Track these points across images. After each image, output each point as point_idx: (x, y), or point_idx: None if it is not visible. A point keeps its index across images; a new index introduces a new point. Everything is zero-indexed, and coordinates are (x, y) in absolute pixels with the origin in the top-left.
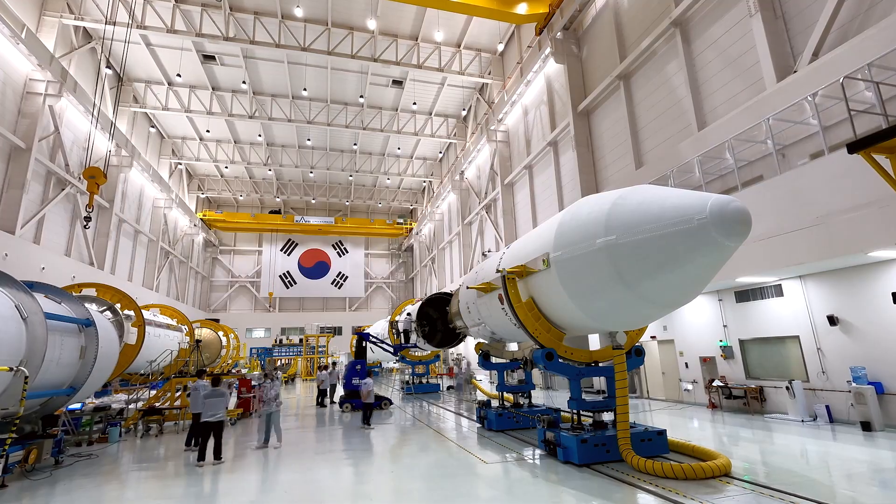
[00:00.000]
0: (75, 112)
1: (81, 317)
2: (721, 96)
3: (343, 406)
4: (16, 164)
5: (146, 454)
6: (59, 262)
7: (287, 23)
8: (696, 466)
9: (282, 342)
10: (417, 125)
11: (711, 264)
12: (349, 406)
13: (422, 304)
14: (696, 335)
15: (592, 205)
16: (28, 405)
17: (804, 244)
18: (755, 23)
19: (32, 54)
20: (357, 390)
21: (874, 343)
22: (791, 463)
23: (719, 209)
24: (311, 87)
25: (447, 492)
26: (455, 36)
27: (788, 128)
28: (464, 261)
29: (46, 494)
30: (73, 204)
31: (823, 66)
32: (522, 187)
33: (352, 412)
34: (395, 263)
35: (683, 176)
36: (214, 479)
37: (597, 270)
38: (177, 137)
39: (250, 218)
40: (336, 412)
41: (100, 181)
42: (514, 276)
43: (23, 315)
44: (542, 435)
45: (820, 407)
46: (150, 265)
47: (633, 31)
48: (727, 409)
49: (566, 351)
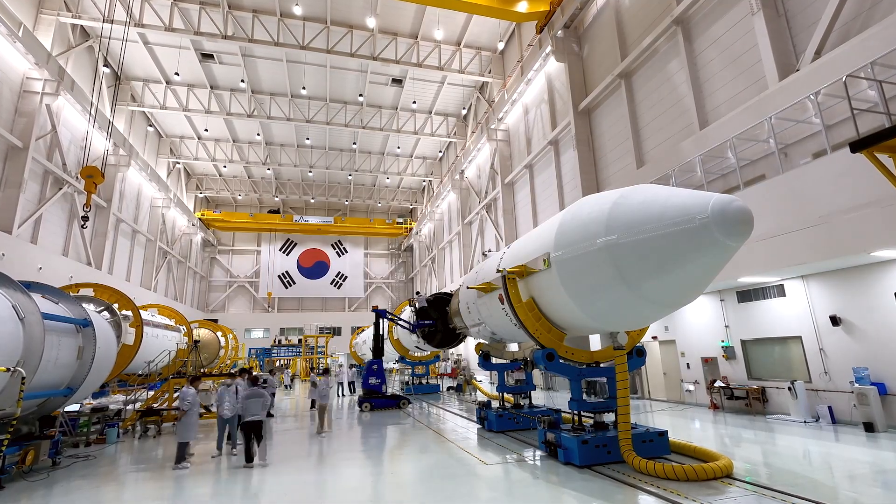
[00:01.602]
0: (72, 111)
1: (79, 317)
2: (723, 95)
3: (363, 406)
4: (13, 163)
5: (144, 455)
6: (56, 262)
7: (286, 21)
8: (697, 468)
9: (280, 342)
10: (417, 124)
11: (713, 264)
12: (368, 405)
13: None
14: (698, 335)
15: (593, 204)
16: (25, 406)
17: (806, 244)
18: (757, 21)
19: (29, 53)
20: (376, 390)
21: (877, 343)
22: (793, 464)
23: (721, 209)
24: (310, 85)
25: (447, 493)
26: (455, 34)
27: (791, 127)
28: (464, 261)
29: (44, 496)
30: (71, 203)
31: (826, 64)
32: (523, 187)
33: (371, 412)
34: (394, 263)
35: (685, 175)
36: (214, 479)
37: (598, 270)
38: (175, 136)
39: (249, 217)
40: (337, 412)
41: (97, 180)
42: (515, 276)
43: (20, 315)
44: (542, 436)
45: (822, 408)
46: (148, 265)
47: (634, 29)
48: (729, 409)
49: (567, 351)
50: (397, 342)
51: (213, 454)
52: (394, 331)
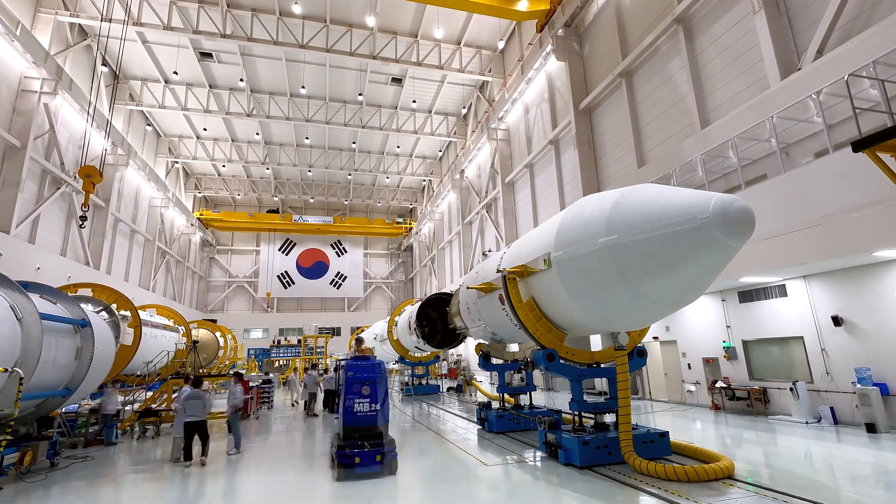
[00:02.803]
0: (71, 110)
1: (77, 317)
2: (724, 94)
3: (341, 457)
4: (11, 162)
5: (143, 456)
6: (54, 262)
7: (285, 20)
8: (698, 469)
9: (280, 343)
10: (417, 123)
11: (714, 264)
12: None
13: (421, 305)
14: (699, 336)
15: (594, 204)
16: (23, 407)
17: (808, 244)
18: (759, 19)
19: (27, 52)
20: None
21: (879, 344)
22: (795, 465)
23: (722, 208)
24: (309, 84)
25: (447, 494)
26: (455, 33)
27: (792, 126)
28: (464, 261)
29: (42, 497)
30: (69, 203)
31: (828, 63)
32: (523, 186)
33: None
34: (394, 263)
35: (686, 175)
36: (210, 480)
37: (598, 270)
38: (173, 136)
39: (248, 217)
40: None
41: (95, 180)
42: (515, 276)
43: (18, 315)
44: (543, 437)
45: (824, 408)
46: (147, 265)
47: (635, 28)
48: (730, 410)
49: (567, 352)
50: (397, 342)
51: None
52: (393, 331)
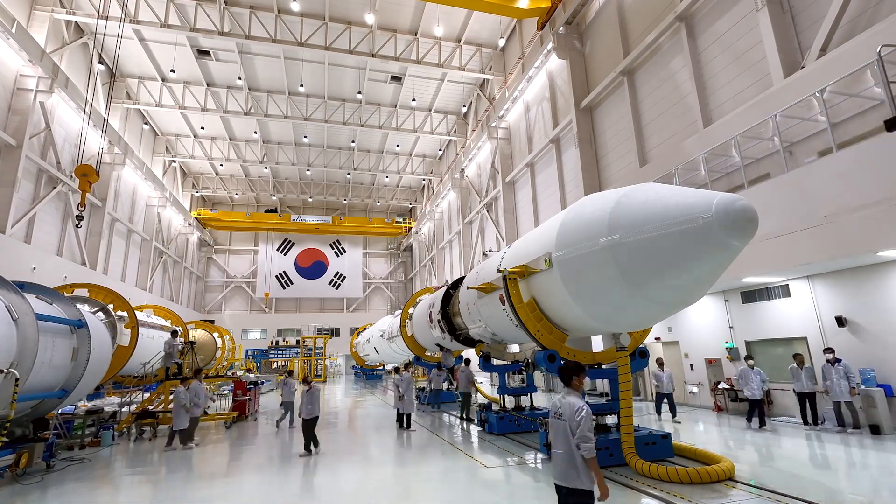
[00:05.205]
0: (67, 109)
1: (73, 318)
2: (727, 92)
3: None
4: (6, 161)
5: (139, 458)
6: (50, 262)
7: (283, 17)
8: (700, 470)
9: (278, 344)
10: (417, 122)
11: (717, 264)
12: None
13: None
14: (702, 336)
15: (595, 203)
16: (18, 408)
17: (812, 243)
18: (762, 17)
19: (23, 49)
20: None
21: (883, 345)
22: (798, 467)
23: (725, 208)
24: (307, 83)
25: (447, 496)
26: (455, 31)
27: (796, 124)
28: (464, 260)
29: (38, 499)
30: (65, 202)
31: (832, 61)
32: (524, 185)
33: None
34: (393, 263)
35: (688, 174)
36: (208, 481)
37: (600, 270)
38: (171, 134)
39: (246, 217)
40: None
41: (92, 179)
42: (516, 276)
43: (13, 316)
44: (544, 438)
45: (828, 410)
46: (144, 265)
47: (637, 25)
48: (733, 412)
49: (569, 353)
50: (411, 339)
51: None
52: (407, 327)
